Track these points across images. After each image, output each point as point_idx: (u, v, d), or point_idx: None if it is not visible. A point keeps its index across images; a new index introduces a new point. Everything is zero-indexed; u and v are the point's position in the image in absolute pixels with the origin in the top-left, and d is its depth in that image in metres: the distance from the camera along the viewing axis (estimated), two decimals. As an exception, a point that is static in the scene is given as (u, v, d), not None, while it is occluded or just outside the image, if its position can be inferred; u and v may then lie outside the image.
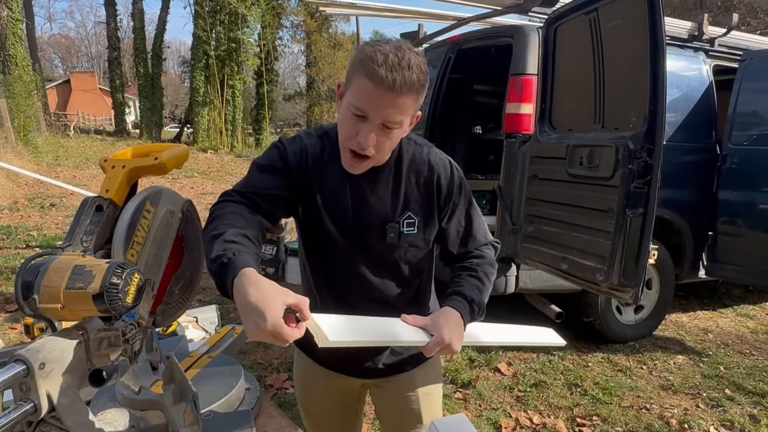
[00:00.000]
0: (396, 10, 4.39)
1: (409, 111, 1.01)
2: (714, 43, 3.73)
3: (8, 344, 3.23)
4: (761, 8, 15.75)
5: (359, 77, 0.97)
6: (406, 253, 1.16)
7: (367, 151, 1.01)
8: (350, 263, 1.16)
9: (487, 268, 1.18)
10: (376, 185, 1.12)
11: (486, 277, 1.17)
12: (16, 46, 15.18)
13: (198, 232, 1.24)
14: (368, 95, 0.96)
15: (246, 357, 3.16)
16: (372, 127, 0.98)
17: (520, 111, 3.17)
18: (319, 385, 1.32)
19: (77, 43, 58.97)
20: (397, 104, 0.97)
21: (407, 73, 0.94)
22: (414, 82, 0.96)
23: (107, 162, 1.05)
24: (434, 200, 1.15)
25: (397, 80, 0.93)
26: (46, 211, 7.54)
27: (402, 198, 1.13)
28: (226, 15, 21.17)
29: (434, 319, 1.04)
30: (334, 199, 1.13)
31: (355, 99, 0.98)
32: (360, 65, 0.97)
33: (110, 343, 0.90)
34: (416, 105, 1.02)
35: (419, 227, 1.15)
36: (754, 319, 4.22)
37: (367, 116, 0.98)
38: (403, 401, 1.29)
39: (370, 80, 0.94)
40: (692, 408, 2.80)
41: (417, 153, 1.16)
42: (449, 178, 1.15)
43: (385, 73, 0.93)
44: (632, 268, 2.35)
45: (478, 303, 1.11)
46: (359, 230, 1.13)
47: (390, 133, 1.01)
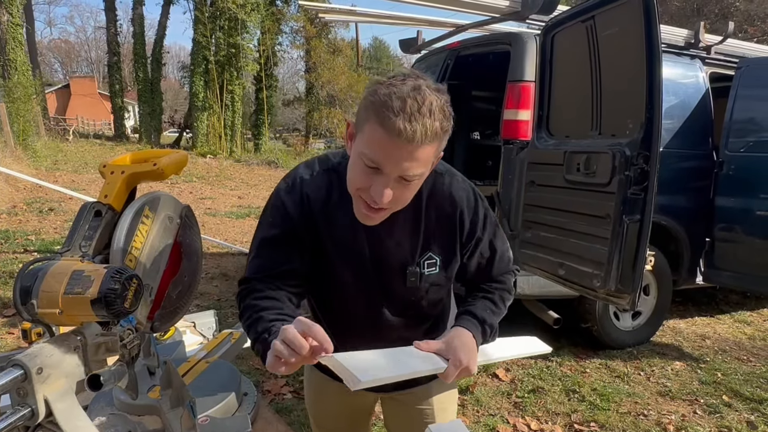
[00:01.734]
0: (395, 17, 4.41)
1: (430, 160, 0.89)
2: (710, 51, 3.76)
3: (5, 349, 3.22)
4: (758, 16, 15.85)
5: (372, 125, 0.85)
6: (428, 293, 1.11)
7: (384, 204, 0.89)
8: (367, 307, 1.10)
9: (504, 294, 1.15)
10: (393, 226, 1.02)
11: (501, 302, 1.14)
12: (16, 50, 15.24)
13: (196, 238, 1.25)
14: (383, 147, 0.84)
15: (244, 362, 3.15)
16: (387, 181, 0.87)
17: (518, 117, 3.19)
18: (332, 399, 1.29)
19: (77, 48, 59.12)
20: (416, 157, 0.85)
21: (429, 122, 0.82)
22: (437, 131, 0.84)
23: (106, 167, 1.06)
24: (456, 238, 1.06)
25: (417, 131, 0.81)
26: (45, 216, 7.53)
27: (422, 238, 1.05)
28: (225, 20, 21.23)
29: (448, 342, 0.98)
30: (348, 243, 1.04)
31: (368, 149, 0.86)
32: (373, 111, 0.84)
33: (108, 348, 0.90)
34: (437, 151, 0.91)
35: (440, 267, 1.08)
36: (752, 326, 4.23)
37: (382, 170, 0.86)
38: (417, 414, 1.26)
39: (385, 131, 0.82)
40: (690, 414, 2.80)
41: (438, 185, 1.05)
42: (473, 212, 1.06)
43: (402, 125, 0.81)
44: (629, 274, 2.35)
45: (490, 324, 1.07)
46: (377, 274, 1.06)
47: (408, 185, 0.90)
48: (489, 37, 3.90)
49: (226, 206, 9.67)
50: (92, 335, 0.87)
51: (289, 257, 1.00)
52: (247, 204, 10.08)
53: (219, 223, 8.04)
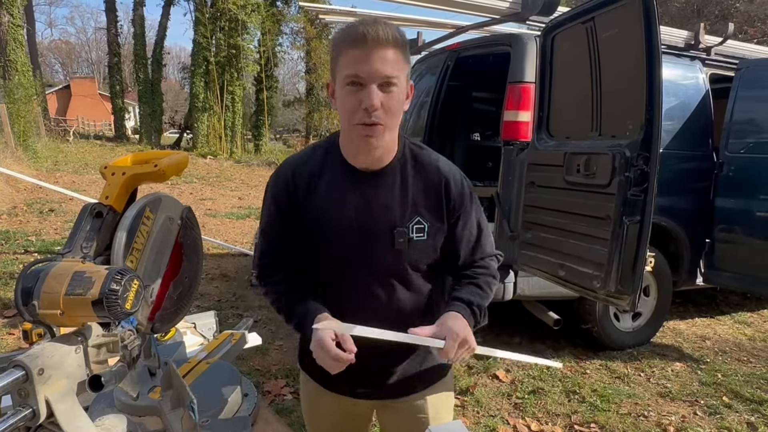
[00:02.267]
0: (395, 18, 4.41)
1: (401, 67, 0.98)
2: (710, 52, 3.76)
3: (6, 350, 3.22)
4: (758, 17, 15.86)
5: (343, 53, 0.97)
6: (417, 262, 1.11)
7: (376, 114, 0.96)
8: (357, 276, 1.11)
9: (488, 278, 1.18)
10: (380, 190, 1.08)
11: (487, 286, 1.16)
12: (16, 51, 15.24)
13: (197, 239, 1.25)
14: (357, 59, 0.95)
15: (244, 363, 3.16)
16: (371, 89, 0.95)
17: (518, 118, 3.19)
18: (327, 408, 1.28)
19: (77, 49, 59.18)
20: (386, 57, 0.95)
21: (386, 27, 0.96)
22: (396, 36, 0.96)
23: (107, 169, 1.06)
24: (443, 206, 1.10)
25: (379, 32, 0.94)
26: (45, 217, 7.53)
27: (410, 202, 1.09)
28: (226, 21, 21.27)
29: (441, 323, 1.04)
30: (335, 209, 1.08)
31: (347, 70, 0.96)
32: (339, 42, 0.99)
33: (109, 349, 0.90)
34: (405, 64, 1.00)
35: (429, 234, 1.10)
36: (752, 327, 4.23)
37: (364, 79, 0.95)
38: (415, 423, 1.25)
39: (353, 45, 0.95)
40: (690, 415, 2.80)
41: (424, 157, 1.13)
42: (459, 185, 1.12)
43: (365, 30, 0.94)
44: (629, 275, 2.35)
45: (478, 305, 1.11)
46: (365, 238, 1.08)
47: (391, 94, 0.98)
48: (489, 39, 3.90)
49: (226, 207, 9.67)
50: (93, 336, 0.87)
51: (287, 242, 1.14)
52: (248, 205, 10.09)
53: (219, 224, 8.04)
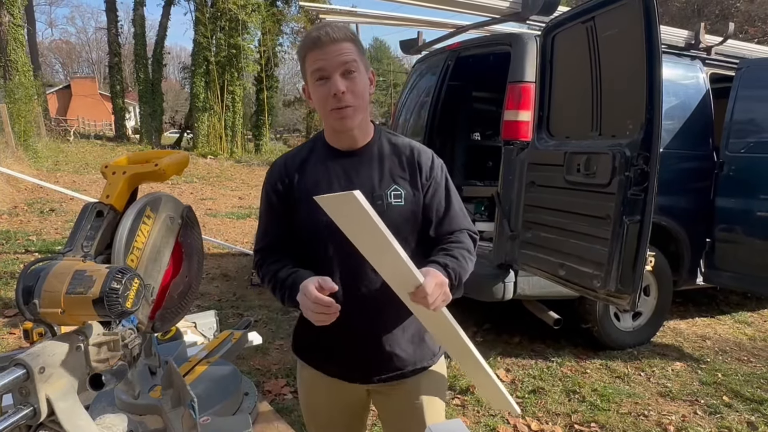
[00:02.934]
0: (395, 18, 4.42)
1: (356, 54, 1.13)
2: (711, 52, 3.76)
3: (7, 348, 3.22)
4: (758, 17, 15.85)
5: (307, 56, 1.13)
6: (398, 228, 1.13)
7: (345, 98, 1.11)
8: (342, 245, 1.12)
9: (462, 251, 1.20)
10: (360, 166, 1.21)
11: (462, 257, 1.18)
12: (17, 51, 15.24)
13: (197, 238, 1.25)
14: (316, 57, 1.11)
15: (244, 362, 3.16)
16: (336, 78, 1.11)
17: (518, 118, 3.19)
18: (323, 394, 1.31)
19: (78, 49, 59.18)
20: (341, 50, 1.11)
21: (332, 28, 1.12)
22: (343, 30, 1.12)
23: (108, 168, 1.07)
24: (417, 176, 1.22)
25: (328, 32, 1.10)
26: (46, 216, 7.54)
27: (387, 173, 1.21)
28: (226, 21, 21.27)
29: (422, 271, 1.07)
30: (322, 184, 1.20)
31: (312, 68, 1.13)
32: (302, 50, 1.15)
33: (109, 347, 0.90)
34: (359, 54, 1.15)
35: (406, 200, 1.20)
36: (752, 326, 4.23)
37: (327, 72, 1.11)
38: (408, 408, 1.28)
39: (311, 49, 1.12)
40: (690, 415, 2.81)
41: (398, 140, 1.26)
42: (430, 160, 1.25)
43: (316, 34, 1.12)
44: (629, 274, 2.35)
45: (452, 268, 1.13)
46: None
47: (354, 78, 1.13)
48: (489, 38, 3.90)
49: (226, 207, 9.68)
50: (94, 335, 0.88)
51: (282, 223, 1.24)
52: (248, 205, 10.09)
53: (219, 223, 8.05)
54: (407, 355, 1.25)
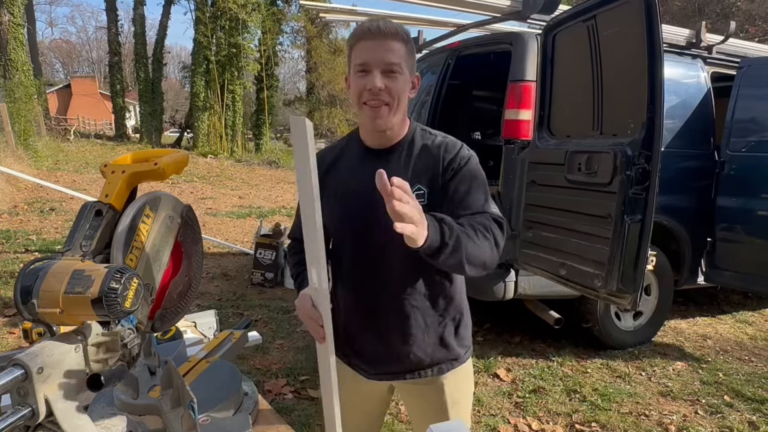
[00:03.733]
0: (395, 17, 4.41)
1: (403, 56, 1.12)
2: (712, 51, 3.75)
3: (7, 348, 3.22)
4: (759, 16, 15.82)
5: (355, 45, 1.13)
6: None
7: (381, 95, 1.10)
8: (367, 237, 1.19)
9: (476, 224, 1.07)
10: (388, 164, 1.19)
11: (473, 229, 1.05)
12: (17, 50, 15.22)
13: (197, 238, 1.24)
14: (363, 49, 1.11)
15: (245, 362, 3.15)
16: (375, 74, 1.10)
17: (519, 117, 3.18)
18: (347, 383, 1.34)
19: (78, 48, 59.17)
20: (388, 47, 1.10)
21: (388, 23, 1.11)
22: (397, 29, 1.11)
23: (107, 167, 1.06)
24: (440, 171, 1.18)
25: (380, 26, 1.10)
26: (46, 216, 7.54)
27: (411, 172, 1.19)
28: (226, 21, 21.23)
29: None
30: (350, 179, 1.22)
31: (355, 60, 1.12)
32: (352, 38, 1.15)
33: (108, 347, 0.90)
34: (406, 55, 1.13)
35: (428, 199, 1.17)
36: (753, 326, 4.22)
37: (368, 67, 1.10)
38: (431, 409, 1.30)
39: (360, 38, 1.11)
40: (691, 414, 2.80)
41: (429, 139, 1.23)
42: (456, 152, 1.19)
43: (369, 25, 1.11)
44: (630, 274, 2.35)
45: (449, 225, 0.99)
46: (371, 201, 1.11)
47: (395, 78, 1.11)
48: (490, 37, 3.89)
49: (226, 206, 9.67)
50: (93, 335, 0.87)
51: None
52: (248, 204, 10.09)
53: (220, 223, 8.04)
54: (425, 355, 1.25)
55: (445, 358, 1.27)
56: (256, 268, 4.87)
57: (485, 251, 1.05)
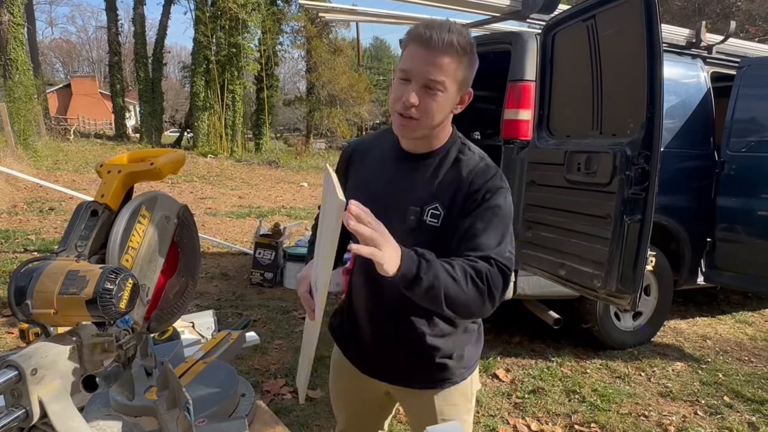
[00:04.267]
0: (395, 17, 4.41)
1: (451, 73, 1.02)
2: (712, 50, 3.75)
3: (4, 348, 3.22)
4: (759, 15, 15.82)
5: (407, 47, 1.04)
6: (425, 246, 1.06)
7: (411, 111, 1.03)
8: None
9: (469, 269, 0.98)
10: (415, 171, 1.15)
11: (463, 272, 0.96)
12: (17, 50, 15.24)
13: (194, 238, 1.24)
14: (409, 56, 1.03)
15: (243, 363, 3.15)
16: (414, 87, 1.02)
17: (518, 117, 3.18)
18: (345, 378, 1.38)
19: (78, 48, 59.15)
20: (435, 62, 1.00)
21: (445, 34, 0.99)
22: (452, 42, 0.99)
23: (103, 167, 1.05)
24: (463, 197, 1.09)
25: (433, 36, 0.98)
26: (45, 216, 7.53)
27: (435, 189, 1.12)
28: (226, 20, 21.23)
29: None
30: (374, 177, 1.20)
31: (403, 64, 1.04)
32: (408, 37, 1.04)
33: (104, 348, 0.89)
34: (459, 70, 1.03)
35: (442, 222, 1.10)
36: (753, 326, 4.22)
37: (410, 76, 1.03)
38: (424, 419, 1.26)
39: (412, 41, 1.02)
40: (691, 415, 2.80)
41: (465, 157, 1.14)
42: (486, 180, 1.09)
43: (423, 31, 1.00)
44: (630, 274, 2.34)
45: (429, 260, 0.93)
46: (384, 205, 1.09)
47: (434, 96, 1.03)
48: (489, 37, 3.89)
49: (226, 206, 9.66)
50: (88, 336, 0.86)
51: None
52: (248, 204, 10.08)
53: (219, 222, 8.03)
54: (416, 368, 1.23)
55: (439, 377, 1.24)
56: (255, 268, 4.87)
57: (471, 299, 0.98)
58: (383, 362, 1.27)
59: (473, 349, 1.29)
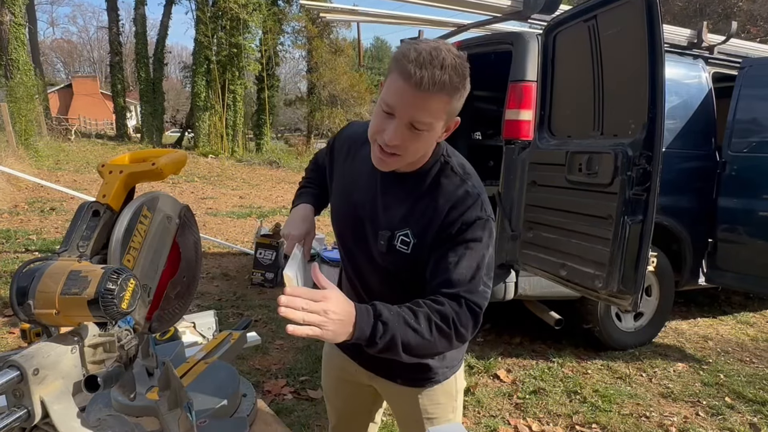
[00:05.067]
0: (396, 17, 4.40)
1: (440, 114, 0.96)
2: (713, 51, 3.74)
3: (6, 348, 3.22)
4: (761, 16, 15.80)
5: (392, 74, 0.95)
6: (394, 270, 1.11)
7: (392, 147, 0.98)
8: (351, 246, 1.21)
9: (435, 314, 0.94)
10: (393, 187, 1.10)
11: (427, 321, 0.92)
12: (18, 50, 15.26)
13: (195, 238, 1.24)
14: (397, 92, 0.94)
15: (244, 363, 3.15)
16: (398, 125, 0.95)
17: (520, 117, 3.18)
18: (335, 363, 1.40)
19: (79, 48, 59.20)
20: (424, 105, 0.93)
21: (438, 72, 0.90)
22: (445, 83, 0.91)
23: (105, 167, 1.05)
24: (436, 228, 1.03)
25: (425, 78, 0.89)
26: (46, 215, 7.54)
27: (408, 212, 1.07)
28: (227, 20, 21.25)
29: (328, 291, 0.87)
30: (356, 182, 1.17)
31: (386, 94, 0.96)
32: (394, 62, 0.95)
33: (105, 349, 0.89)
34: (449, 108, 0.97)
35: (412, 250, 1.06)
36: (755, 327, 4.21)
37: (395, 114, 0.95)
38: (409, 416, 1.30)
39: (400, 76, 0.92)
40: (692, 416, 2.79)
41: (446, 181, 1.07)
42: (462, 212, 1.02)
43: (413, 70, 0.90)
44: (631, 275, 2.34)
45: (385, 321, 0.89)
46: (362, 218, 1.15)
47: (418, 135, 0.97)
48: (491, 37, 3.88)
49: (227, 206, 9.67)
50: (89, 336, 0.86)
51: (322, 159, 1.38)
52: (249, 204, 10.08)
53: (220, 222, 8.03)
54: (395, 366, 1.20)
55: (421, 377, 1.24)
56: (256, 268, 4.87)
57: (436, 344, 0.94)
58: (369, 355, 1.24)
59: (455, 351, 1.27)
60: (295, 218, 1.26)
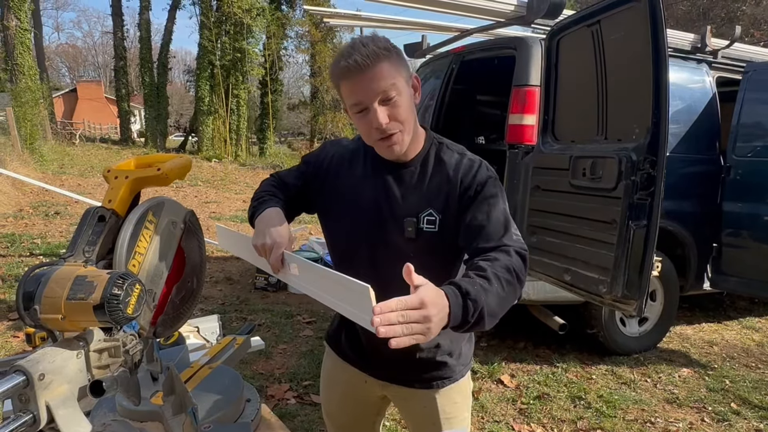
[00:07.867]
0: (399, 22, 4.42)
1: (393, 76, 1.03)
2: (717, 55, 3.74)
3: (11, 352, 3.23)
4: (764, 20, 15.79)
5: (340, 83, 1.06)
6: (426, 253, 1.11)
7: (387, 128, 1.04)
8: (369, 259, 1.16)
9: (499, 270, 0.96)
10: (400, 182, 1.15)
11: (497, 279, 0.94)
12: (23, 55, 15.37)
13: (200, 243, 1.24)
14: (352, 89, 1.03)
15: (247, 367, 3.15)
16: (375, 109, 1.03)
17: (523, 122, 3.17)
18: (341, 384, 1.36)
19: (84, 53, 59.59)
20: (375, 76, 1.01)
21: (363, 50, 1.00)
22: (374, 52, 1.00)
23: (110, 172, 1.06)
24: (456, 197, 1.11)
25: (358, 59, 0.99)
26: (51, 219, 7.57)
27: (424, 194, 1.13)
28: (231, 25, 21.34)
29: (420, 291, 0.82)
30: (356, 195, 1.18)
31: (349, 100, 1.06)
32: (333, 76, 1.07)
33: (110, 353, 0.90)
34: (396, 67, 1.04)
35: (439, 226, 1.11)
36: (760, 332, 4.18)
37: (364, 104, 1.03)
38: (425, 420, 1.28)
39: (343, 77, 1.03)
40: (697, 422, 2.77)
41: (446, 155, 1.16)
42: (473, 175, 1.11)
43: (345, 62, 1.01)
44: (636, 279, 2.33)
45: (474, 298, 0.88)
46: (378, 223, 1.15)
47: (396, 102, 1.04)
48: (494, 42, 3.90)
49: (230, 210, 9.69)
50: (95, 341, 0.87)
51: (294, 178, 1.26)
52: (252, 208, 10.08)
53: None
54: (416, 368, 1.23)
55: (440, 375, 1.24)
56: (260, 273, 4.87)
57: (510, 298, 0.97)
58: (383, 363, 1.25)
59: (468, 346, 1.30)
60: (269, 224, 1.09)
